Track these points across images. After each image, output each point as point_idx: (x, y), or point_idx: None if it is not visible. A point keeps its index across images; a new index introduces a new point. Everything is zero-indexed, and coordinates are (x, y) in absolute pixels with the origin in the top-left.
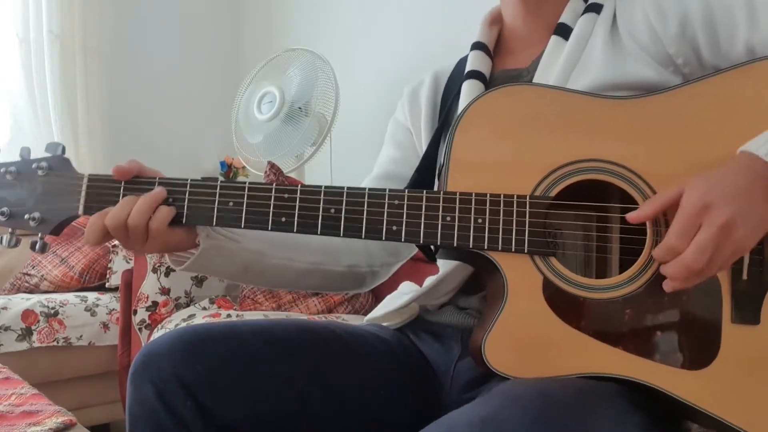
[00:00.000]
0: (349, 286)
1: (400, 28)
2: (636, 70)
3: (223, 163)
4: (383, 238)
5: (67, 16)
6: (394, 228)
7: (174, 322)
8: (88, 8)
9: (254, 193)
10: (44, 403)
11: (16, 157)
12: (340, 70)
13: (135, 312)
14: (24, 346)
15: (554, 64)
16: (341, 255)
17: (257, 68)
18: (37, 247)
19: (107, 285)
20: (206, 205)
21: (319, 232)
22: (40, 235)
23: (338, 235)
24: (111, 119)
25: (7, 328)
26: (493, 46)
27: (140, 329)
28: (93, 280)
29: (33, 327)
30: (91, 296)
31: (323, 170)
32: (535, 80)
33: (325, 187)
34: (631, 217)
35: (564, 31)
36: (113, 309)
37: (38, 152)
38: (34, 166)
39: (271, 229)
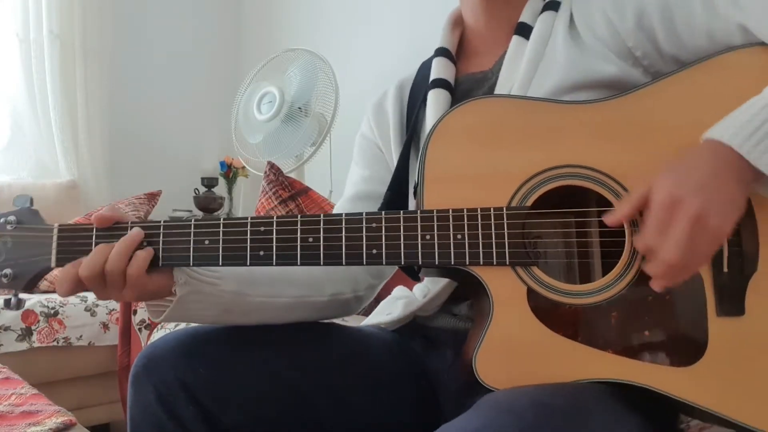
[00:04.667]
0: (335, 314)
1: (401, 28)
2: (597, 66)
3: (222, 163)
4: (364, 263)
5: (67, 16)
6: (374, 251)
7: (173, 323)
8: (88, 8)
9: (229, 229)
10: (44, 403)
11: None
12: (340, 70)
13: (135, 312)
14: (24, 346)
15: (518, 64)
16: (324, 284)
17: (257, 68)
18: (12, 304)
19: None
20: (182, 246)
21: (299, 263)
22: (14, 291)
23: (318, 264)
24: (111, 119)
25: (7, 328)
26: (456, 49)
27: (140, 329)
28: None
29: (33, 327)
30: (91, 296)
31: (323, 170)
32: (499, 81)
33: (301, 216)
34: (608, 219)
35: (525, 31)
36: (113, 309)
37: (38, 152)
38: (2, 220)
39: (250, 264)
